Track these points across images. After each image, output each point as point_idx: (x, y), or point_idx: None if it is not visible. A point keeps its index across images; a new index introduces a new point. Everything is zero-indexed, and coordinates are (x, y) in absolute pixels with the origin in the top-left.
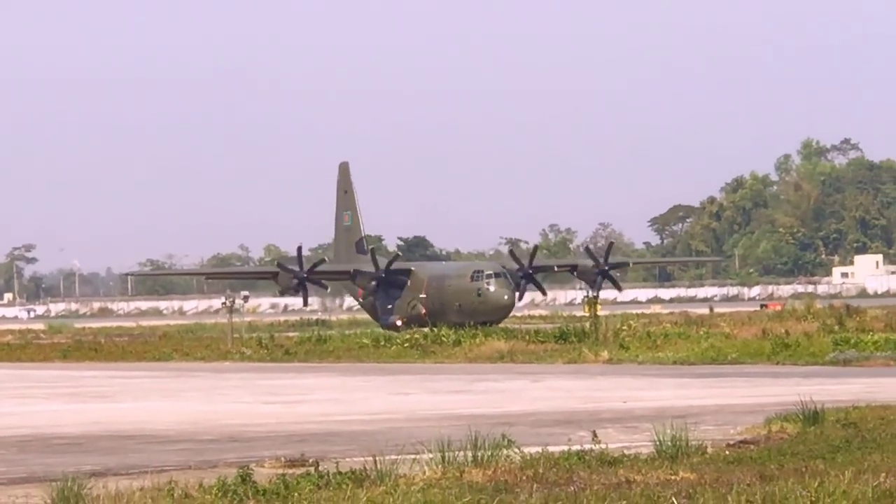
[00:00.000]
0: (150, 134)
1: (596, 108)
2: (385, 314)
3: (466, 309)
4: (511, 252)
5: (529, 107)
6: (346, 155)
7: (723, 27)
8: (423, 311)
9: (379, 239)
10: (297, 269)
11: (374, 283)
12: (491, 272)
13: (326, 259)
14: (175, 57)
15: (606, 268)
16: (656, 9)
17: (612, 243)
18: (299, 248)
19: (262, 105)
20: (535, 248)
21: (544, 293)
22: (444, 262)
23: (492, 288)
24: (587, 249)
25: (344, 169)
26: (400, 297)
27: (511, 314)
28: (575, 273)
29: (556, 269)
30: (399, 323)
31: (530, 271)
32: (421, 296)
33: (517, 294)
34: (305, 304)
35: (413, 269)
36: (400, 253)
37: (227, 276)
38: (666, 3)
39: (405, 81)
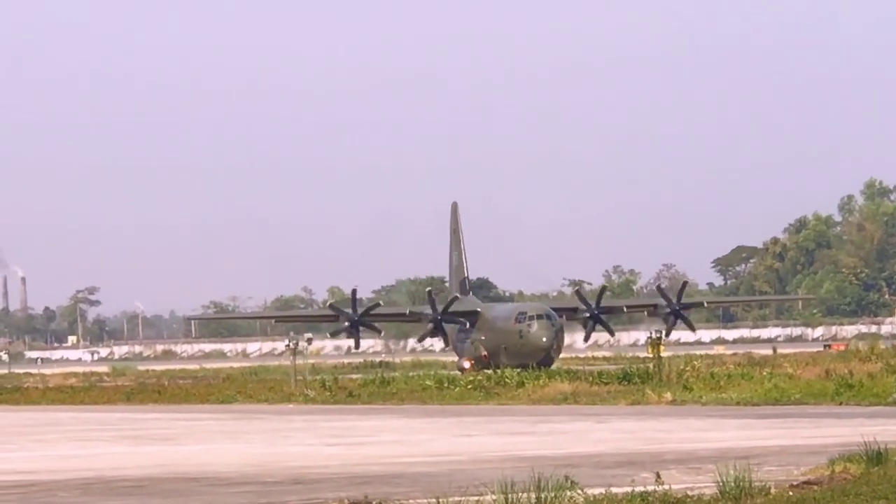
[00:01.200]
0: (213, 176)
1: (658, 149)
2: (459, 356)
3: (511, 351)
4: (577, 293)
5: (589, 145)
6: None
7: (786, 66)
8: (484, 352)
9: (442, 280)
10: (350, 311)
11: (430, 325)
12: (534, 313)
13: (381, 303)
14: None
15: (678, 307)
16: (716, 51)
17: (685, 283)
18: (353, 291)
19: (327, 147)
20: (604, 287)
21: (612, 334)
22: (507, 304)
23: (532, 329)
24: (659, 289)
25: (454, 209)
26: (469, 340)
27: (572, 355)
28: (647, 313)
29: (625, 309)
30: (466, 365)
31: (596, 312)
32: (481, 338)
33: (579, 335)
34: (357, 346)
35: (479, 310)
36: (458, 295)
37: (288, 319)
38: (727, 46)
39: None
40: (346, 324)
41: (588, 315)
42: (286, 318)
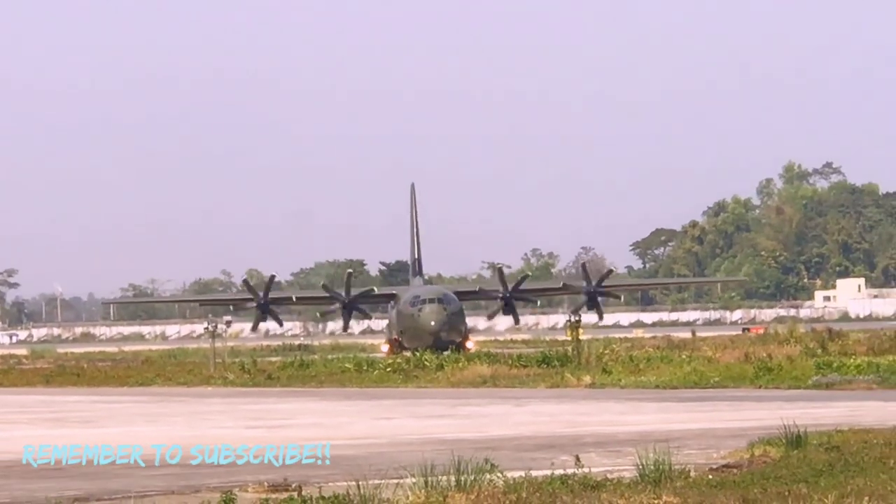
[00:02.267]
0: (133, 157)
1: (577, 131)
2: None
3: (408, 334)
4: (500, 272)
5: (509, 127)
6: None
7: (706, 50)
8: (395, 336)
9: (361, 263)
10: (261, 294)
11: (340, 307)
12: (426, 297)
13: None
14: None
15: (593, 290)
16: (638, 32)
17: (610, 270)
18: (271, 277)
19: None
20: (500, 271)
21: (517, 321)
22: (415, 288)
23: (423, 313)
24: (583, 267)
25: (412, 190)
26: (387, 324)
27: (492, 338)
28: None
29: (543, 292)
30: (385, 348)
31: (507, 295)
32: (394, 321)
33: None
34: (254, 329)
35: (396, 293)
36: (374, 288)
37: (204, 302)
38: (649, 27)
39: (403, 85)
40: (255, 306)
41: (500, 298)
42: (201, 301)
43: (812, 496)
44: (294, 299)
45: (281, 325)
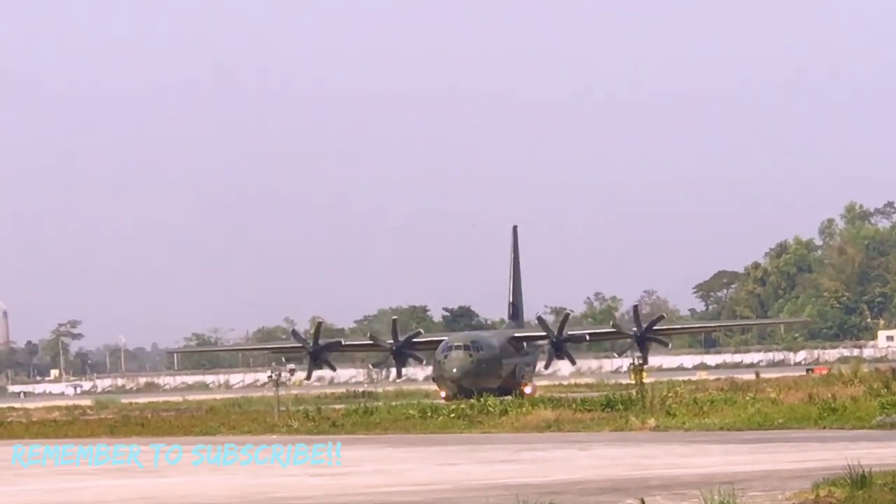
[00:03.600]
0: (195, 204)
1: (638, 175)
2: None
3: (440, 382)
4: (539, 319)
5: (571, 175)
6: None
7: (764, 88)
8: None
9: (424, 309)
10: (311, 342)
11: (391, 355)
12: (454, 344)
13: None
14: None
15: (638, 334)
16: (692, 71)
17: (661, 316)
18: (318, 325)
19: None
20: (566, 316)
21: (573, 362)
22: (454, 335)
23: (447, 360)
24: (635, 310)
25: (514, 232)
26: None
27: (555, 383)
28: (611, 343)
29: (587, 337)
30: (443, 394)
31: (555, 340)
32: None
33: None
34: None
35: (443, 340)
36: (421, 331)
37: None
38: (704, 62)
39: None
40: (307, 354)
41: (549, 344)
42: (257, 349)
43: None
44: (342, 345)
45: (334, 370)
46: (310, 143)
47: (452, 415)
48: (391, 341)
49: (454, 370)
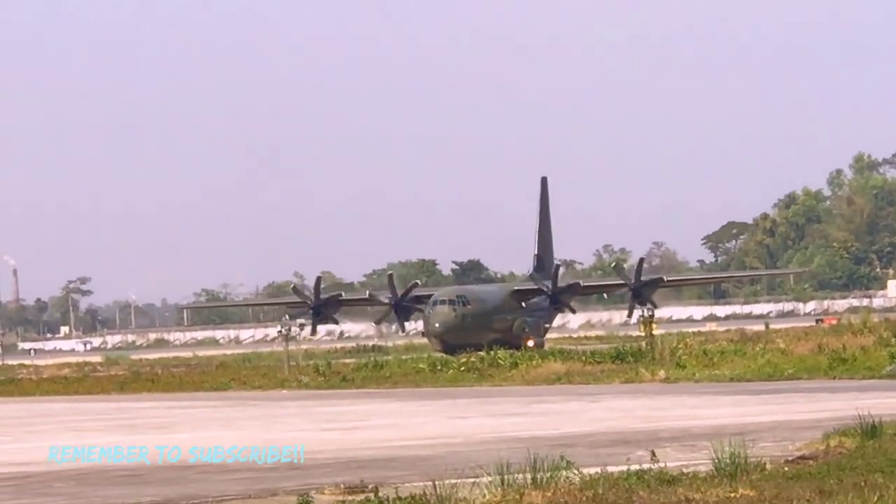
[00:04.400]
0: (203, 162)
1: (646, 128)
2: None
3: (427, 335)
4: (532, 275)
5: (579, 126)
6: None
7: (772, 41)
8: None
9: (433, 263)
10: (312, 298)
11: (391, 310)
12: (439, 299)
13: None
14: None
15: (635, 285)
16: (704, 24)
17: (641, 259)
18: (318, 279)
19: (314, 129)
20: (557, 267)
21: (573, 312)
22: (444, 288)
23: (431, 314)
24: (616, 268)
25: (544, 184)
26: None
27: (565, 335)
28: (605, 295)
29: (581, 288)
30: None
31: (549, 292)
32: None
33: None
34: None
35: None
36: (418, 282)
37: (256, 304)
38: (716, 15)
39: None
40: (309, 310)
41: (547, 297)
42: (260, 304)
43: (888, 486)
44: (342, 300)
45: (337, 324)
46: (316, 92)
47: (462, 368)
48: (390, 296)
49: (437, 325)
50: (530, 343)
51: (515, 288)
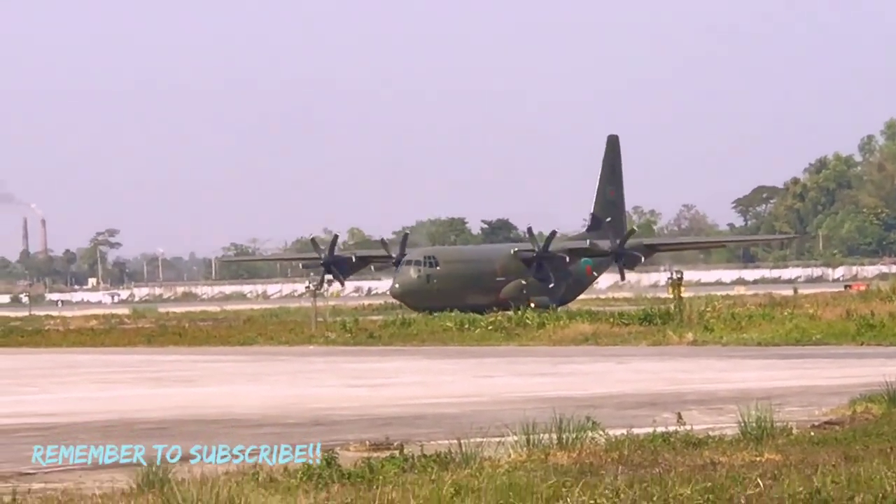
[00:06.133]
0: (233, 115)
1: (679, 91)
2: None
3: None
4: (529, 231)
5: (611, 89)
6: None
7: (806, 6)
8: None
9: (462, 221)
10: (325, 253)
11: (394, 266)
12: (408, 259)
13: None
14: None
15: (614, 250)
16: None
17: (632, 230)
18: (335, 237)
19: (342, 92)
20: (553, 233)
21: (550, 282)
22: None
23: (396, 276)
24: (529, 231)
25: (613, 142)
26: None
27: (593, 296)
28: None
29: (569, 250)
30: None
31: (538, 252)
32: None
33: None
34: (319, 287)
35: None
36: (384, 239)
37: (275, 258)
38: None
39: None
40: (320, 266)
41: (534, 258)
42: (282, 259)
43: None
44: (353, 259)
45: (342, 284)
46: (353, 46)
47: (490, 327)
48: (398, 253)
49: (397, 286)
50: (532, 305)
51: (516, 249)
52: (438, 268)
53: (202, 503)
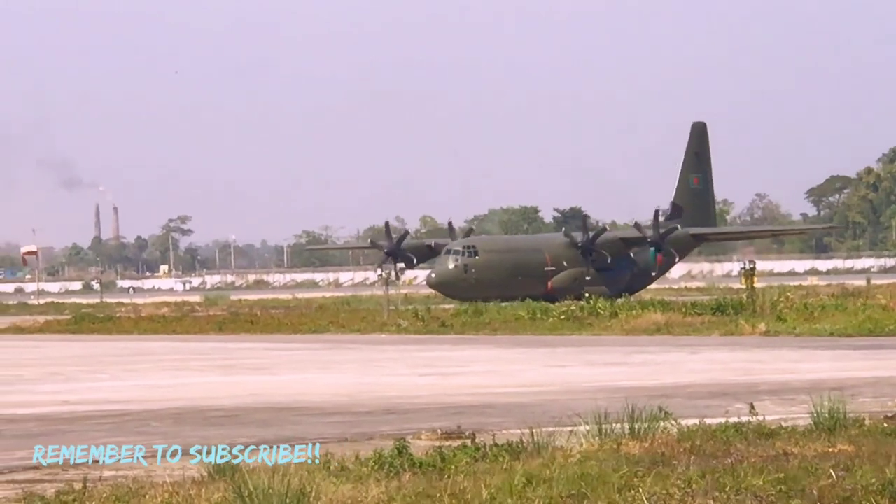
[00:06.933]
0: (307, 105)
1: (754, 81)
2: None
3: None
4: (584, 218)
5: (685, 80)
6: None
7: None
8: None
9: (535, 210)
10: (385, 243)
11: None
12: (448, 248)
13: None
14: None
15: (655, 239)
16: None
17: (657, 211)
18: (386, 224)
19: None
20: (584, 217)
21: (608, 271)
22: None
23: (435, 266)
24: (636, 225)
25: (699, 130)
26: None
27: (665, 286)
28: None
29: (620, 239)
30: None
31: (580, 245)
32: None
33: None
34: (387, 275)
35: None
36: (474, 228)
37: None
38: None
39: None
40: (384, 253)
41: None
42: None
43: None
44: (410, 245)
45: (411, 268)
46: (428, 37)
47: (562, 316)
48: (441, 243)
49: (433, 276)
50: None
51: (620, 236)
52: (478, 257)
53: (273, 491)
